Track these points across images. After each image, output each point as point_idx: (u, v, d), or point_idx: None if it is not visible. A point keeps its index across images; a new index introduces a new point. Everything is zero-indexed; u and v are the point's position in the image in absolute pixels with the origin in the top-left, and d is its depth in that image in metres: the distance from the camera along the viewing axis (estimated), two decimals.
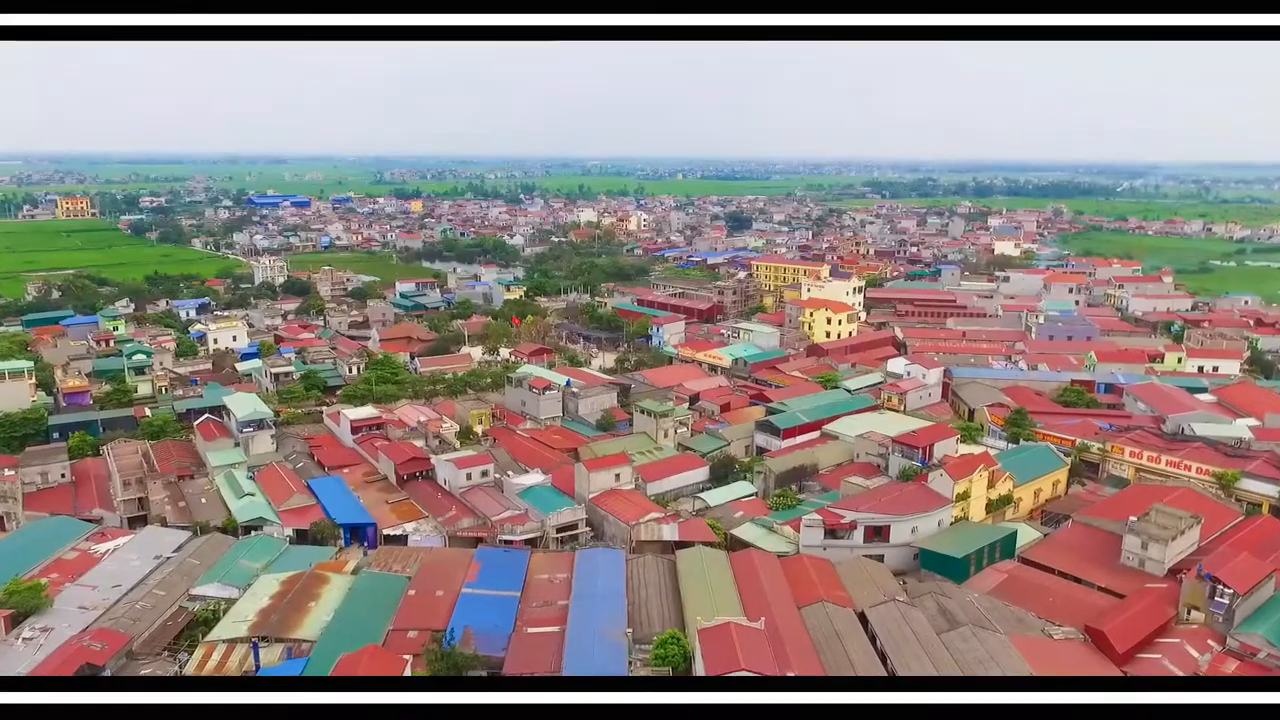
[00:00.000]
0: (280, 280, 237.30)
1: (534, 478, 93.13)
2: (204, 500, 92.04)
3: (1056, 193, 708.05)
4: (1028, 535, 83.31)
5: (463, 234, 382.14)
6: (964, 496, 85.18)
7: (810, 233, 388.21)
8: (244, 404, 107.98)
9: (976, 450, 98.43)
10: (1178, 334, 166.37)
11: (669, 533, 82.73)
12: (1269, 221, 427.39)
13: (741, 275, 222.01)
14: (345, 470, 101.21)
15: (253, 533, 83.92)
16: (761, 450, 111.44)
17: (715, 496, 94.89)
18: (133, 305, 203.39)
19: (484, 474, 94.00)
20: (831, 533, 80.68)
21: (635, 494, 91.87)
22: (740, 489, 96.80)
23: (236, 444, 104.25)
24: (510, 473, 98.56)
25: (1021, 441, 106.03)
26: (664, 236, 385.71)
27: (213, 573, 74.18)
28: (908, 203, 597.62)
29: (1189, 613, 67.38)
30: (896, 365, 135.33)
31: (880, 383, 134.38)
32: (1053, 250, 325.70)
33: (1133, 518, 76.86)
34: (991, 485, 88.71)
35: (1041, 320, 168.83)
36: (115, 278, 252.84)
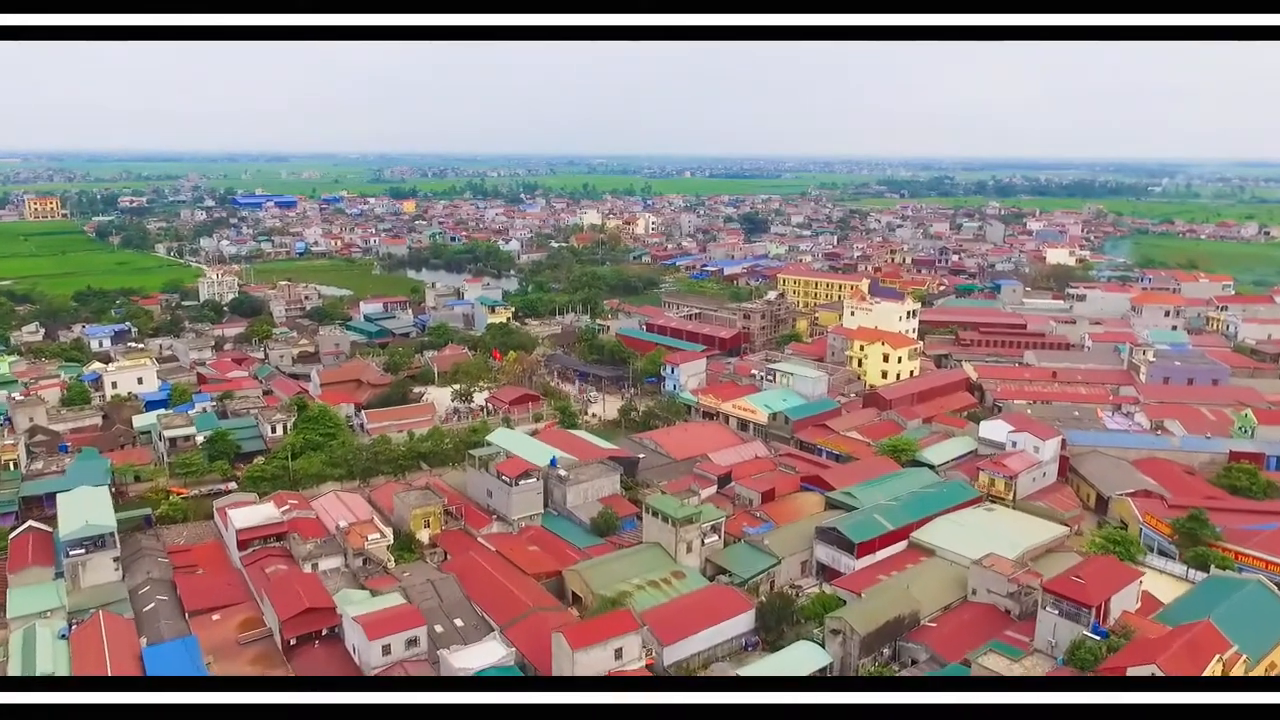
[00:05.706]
0: (229, 297, 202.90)
1: (488, 652, 59.94)
2: None
3: (1081, 192, 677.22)
4: None
5: (453, 238, 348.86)
6: None
7: (835, 237, 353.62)
8: (75, 509, 74.27)
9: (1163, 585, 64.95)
10: None
11: None
12: None
13: (772, 296, 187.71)
14: (215, 617, 68.39)
15: None
16: (824, 569, 78.45)
17: (767, 670, 61.70)
18: (43, 331, 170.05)
19: (411, 643, 60.81)
20: None
21: (645, 678, 58.61)
22: (805, 658, 63.46)
23: (60, 573, 71.30)
24: (458, 623, 65.74)
25: (1213, 569, 72.47)
26: (674, 241, 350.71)
27: None
28: (929, 202, 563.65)
29: None
30: (994, 429, 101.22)
31: (972, 452, 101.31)
32: (1110, 259, 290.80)
33: None
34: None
35: (1151, 357, 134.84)
36: (50, 290, 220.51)
